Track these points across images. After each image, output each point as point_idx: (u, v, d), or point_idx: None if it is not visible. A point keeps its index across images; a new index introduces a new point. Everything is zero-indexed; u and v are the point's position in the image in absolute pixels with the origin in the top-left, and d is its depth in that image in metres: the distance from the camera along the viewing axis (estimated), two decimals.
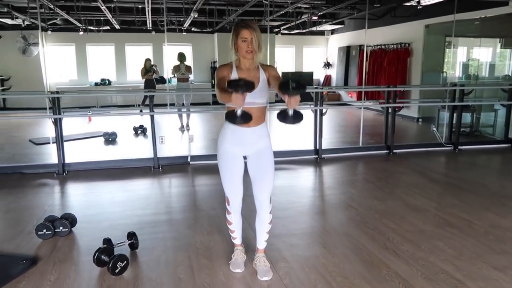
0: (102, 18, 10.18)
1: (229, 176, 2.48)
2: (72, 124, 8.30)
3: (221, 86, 2.22)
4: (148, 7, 8.08)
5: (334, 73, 13.37)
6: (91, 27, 10.70)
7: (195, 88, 11.72)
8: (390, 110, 6.19)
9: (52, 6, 7.75)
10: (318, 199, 4.35)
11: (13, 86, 11.60)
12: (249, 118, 2.13)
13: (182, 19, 10.18)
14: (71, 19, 9.64)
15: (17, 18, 9.08)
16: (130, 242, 2.93)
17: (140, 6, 8.83)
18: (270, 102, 5.49)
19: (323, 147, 5.82)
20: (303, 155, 5.83)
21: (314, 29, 11.67)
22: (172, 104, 7.65)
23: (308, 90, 6.16)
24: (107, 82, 12.46)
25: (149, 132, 6.31)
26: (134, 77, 11.94)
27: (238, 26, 2.32)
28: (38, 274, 2.62)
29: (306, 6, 9.31)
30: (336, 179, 5.06)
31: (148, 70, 9.33)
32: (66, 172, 5.05)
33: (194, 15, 8.60)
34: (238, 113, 2.10)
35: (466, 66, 8.91)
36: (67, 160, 5.13)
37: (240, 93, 1.99)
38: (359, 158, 5.90)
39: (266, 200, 2.50)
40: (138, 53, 12.38)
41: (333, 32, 13.33)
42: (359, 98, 10.24)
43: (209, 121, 9.29)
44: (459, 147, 6.29)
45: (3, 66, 11.52)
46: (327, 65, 13.73)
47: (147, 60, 9.52)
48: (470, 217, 3.54)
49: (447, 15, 7.34)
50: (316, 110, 5.83)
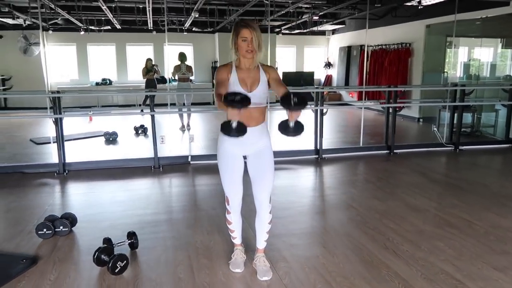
0: (103, 18, 10.20)
1: (229, 175, 2.48)
2: (73, 123, 8.32)
3: (219, 91, 2.22)
4: (149, 7, 8.09)
5: (335, 73, 13.37)
6: (92, 27, 10.72)
7: (196, 88, 11.72)
8: (391, 110, 6.19)
9: (53, 6, 7.76)
10: (318, 199, 4.35)
11: (14, 86, 11.64)
12: (244, 131, 2.08)
13: (183, 19, 10.19)
14: (72, 19, 9.66)
15: (18, 18, 9.09)
16: (130, 241, 2.93)
17: (141, 6, 8.83)
18: (270, 102, 5.49)
19: (324, 147, 5.82)
20: (304, 155, 5.83)
21: (315, 29, 11.66)
22: (172, 104, 7.66)
23: (308, 90, 6.18)
24: (108, 82, 12.48)
25: (149, 132, 6.31)
26: (135, 77, 11.95)
27: (238, 25, 2.31)
28: (38, 273, 2.63)
29: (307, 6, 9.31)
30: (336, 179, 5.06)
31: (149, 70, 9.36)
32: (67, 171, 5.06)
33: (195, 15, 8.61)
34: (234, 125, 2.05)
35: (467, 66, 8.90)
36: (68, 159, 5.14)
37: (236, 108, 1.97)
38: (360, 158, 5.90)
39: (265, 200, 2.50)
40: (139, 53, 12.39)
41: (334, 32, 13.33)
42: (360, 98, 10.23)
43: (209, 121, 9.29)
44: (460, 147, 6.28)
45: (4, 66, 11.56)
46: (328, 65, 13.72)
47: (148, 60, 9.54)
48: (471, 217, 3.54)
49: (448, 15, 7.33)
50: (316, 110, 5.82)
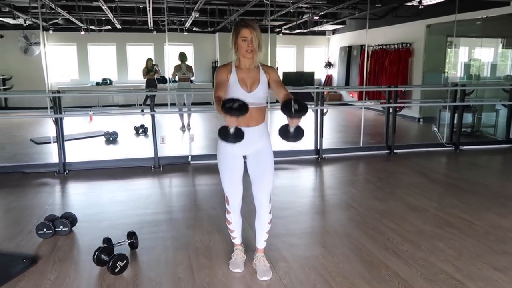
0: (104, 18, 10.21)
1: (228, 175, 2.48)
2: (73, 123, 8.33)
3: (218, 94, 2.22)
4: (149, 7, 8.09)
5: (336, 73, 13.37)
6: (93, 27, 10.72)
7: (196, 88, 11.72)
8: (391, 110, 6.19)
9: (53, 6, 7.77)
10: (318, 199, 4.35)
11: (14, 86, 11.65)
12: (241, 137, 2.06)
13: (183, 19, 10.19)
14: (73, 19, 9.67)
15: (18, 17, 9.10)
16: (130, 241, 2.93)
17: (141, 6, 8.84)
18: (270, 102, 5.49)
19: (324, 147, 5.81)
20: (304, 155, 5.83)
21: (315, 29, 11.66)
22: (173, 103, 7.66)
23: (309, 90, 6.17)
24: (109, 81, 12.48)
25: (150, 131, 6.31)
26: (135, 76, 11.96)
27: (238, 25, 2.31)
28: (38, 273, 2.63)
29: (307, 6, 9.31)
30: (336, 179, 5.06)
31: (149, 70, 9.36)
32: (67, 171, 5.06)
33: (195, 15, 8.60)
34: (231, 131, 2.02)
35: (467, 66, 8.90)
36: (68, 159, 5.15)
37: (234, 116, 1.96)
38: (360, 158, 5.90)
39: (265, 200, 2.50)
40: (139, 52, 12.39)
41: (334, 32, 13.33)
42: (360, 98, 10.23)
43: (210, 121, 9.29)
44: (460, 147, 6.28)
45: (5, 66, 11.56)
46: (329, 65, 13.72)
47: (149, 60, 9.55)
48: (471, 217, 3.54)
49: (449, 15, 7.33)
50: (316, 110, 5.82)
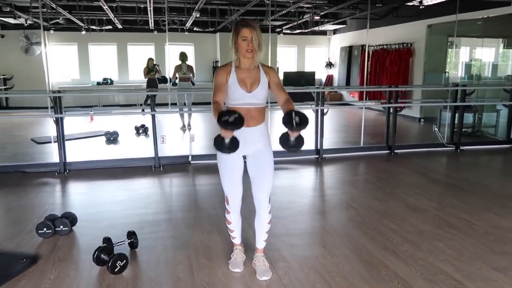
0: (104, 18, 10.22)
1: (228, 175, 2.48)
2: (74, 123, 8.34)
3: (216, 98, 2.23)
4: (150, 7, 8.09)
5: (336, 73, 13.37)
6: (93, 27, 10.73)
7: (197, 87, 11.71)
8: (391, 110, 6.18)
9: (54, 6, 7.78)
10: (318, 199, 4.35)
11: (15, 85, 11.66)
12: (236, 147, 2.05)
13: (184, 19, 10.20)
14: (73, 19, 9.68)
15: (19, 17, 9.12)
16: (129, 241, 2.93)
17: (142, 6, 8.84)
18: (271, 102, 5.49)
19: (324, 147, 5.81)
20: (304, 155, 5.82)
21: (316, 29, 11.66)
22: (173, 103, 7.66)
23: (309, 90, 6.17)
24: (109, 81, 12.49)
25: (150, 131, 6.31)
26: (136, 76, 11.98)
27: (238, 24, 2.31)
28: (38, 272, 2.63)
29: (308, 5, 9.31)
30: (337, 179, 5.05)
31: (150, 69, 9.37)
32: (67, 171, 5.06)
33: (196, 15, 8.61)
34: (226, 141, 2.01)
35: (468, 66, 8.89)
36: (69, 159, 5.15)
37: (229, 130, 1.96)
38: (360, 158, 5.90)
39: (265, 200, 2.50)
40: (140, 52, 12.39)
41: (335, 32, 13.32)
42: (361, 98, 10.22)
43: (210, 120, 9.26)
44: (461, 148, 6.27)
45: (6, 65, 11.57)
46: (329, 65, 13.71)
47: (150, 59, 9.55)
48: (471, 217, 3.53)
49: (450, 15, 7.32)
50: (317, 110, 5.82)
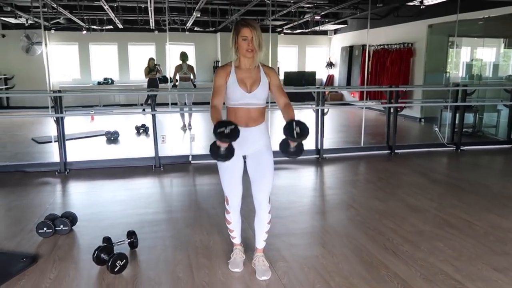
0: (105, 18, 10.23)
1: (228, 176, 2.48)
2: (74, 123, 8.34)
3: (214, 102, 2.26)
4: (150, 7, 8.10)
5: (337, 73, 13.37)
6: (94, 27, 10.75)
7: (197, 87, 11.71)
8: (392, 110, 6.17)
9: (55, 5, 7.79)
10: (318, 199, 4.35)
11: (16, 85, 11.67)
12: (231, 155, 2.04)
13: (184, 19, 10.20)
14: (74, 18, 9.69)
15: (20, 17, 9.13)
16: (129, 240, 2.94)
17: (142, 6, 8.85)
18: (271, 102, 5.49)
19: (325, 147, 5.81)
20: (304, 155, 5.77)
21: (316, 28, 11.65)
22: (174, 103, 7.66)
23: (310, 89, 6.17)
24: (110, 81, 12.50)
25: (151, 131, 6.31)
26: (137, 76, 11.99)
27: (239, 24, 2.31)
28: (38, 272, 2.64)
29: (309, 5, 9.31)
30: (337, 179, 5.05)
31: (151, 69, 9.38)
32: (68, 170, 5.07)
33: (196, 15, 8.60)
34: (222, 150, 2.00)
35: (469, 66, 8.88)
36: (69, 158, 5.16)
37: (224, 142, 1.97)
38: (361, 158, 5.89)
39: (265, 200, 2.50)
40: (140, 52, 12.40)
41: (336, 31, 13.32)
42: (362, 98, 10.22)
43: (210, 120, 9.28)
44: (461, 148, 6.26)
45: (7, 65, 11.58)
46: (330, 65, 13.71)
47: (151, 59, 9.55)
48: (471, 218, 3.53)
49: (450, 15, 7.31)
50: (317, 110, 5.81)
